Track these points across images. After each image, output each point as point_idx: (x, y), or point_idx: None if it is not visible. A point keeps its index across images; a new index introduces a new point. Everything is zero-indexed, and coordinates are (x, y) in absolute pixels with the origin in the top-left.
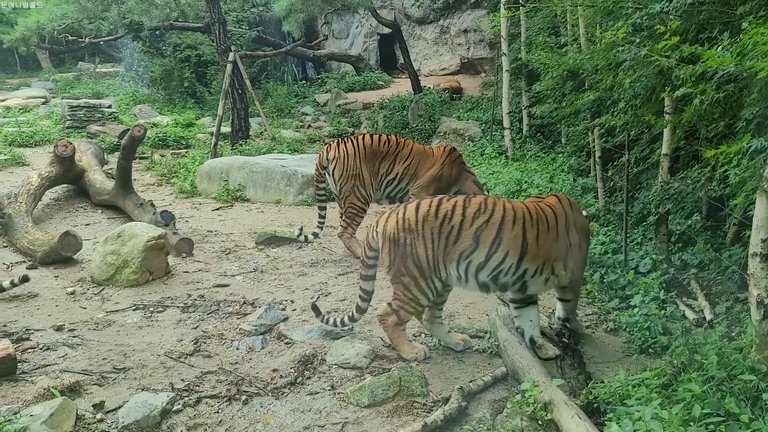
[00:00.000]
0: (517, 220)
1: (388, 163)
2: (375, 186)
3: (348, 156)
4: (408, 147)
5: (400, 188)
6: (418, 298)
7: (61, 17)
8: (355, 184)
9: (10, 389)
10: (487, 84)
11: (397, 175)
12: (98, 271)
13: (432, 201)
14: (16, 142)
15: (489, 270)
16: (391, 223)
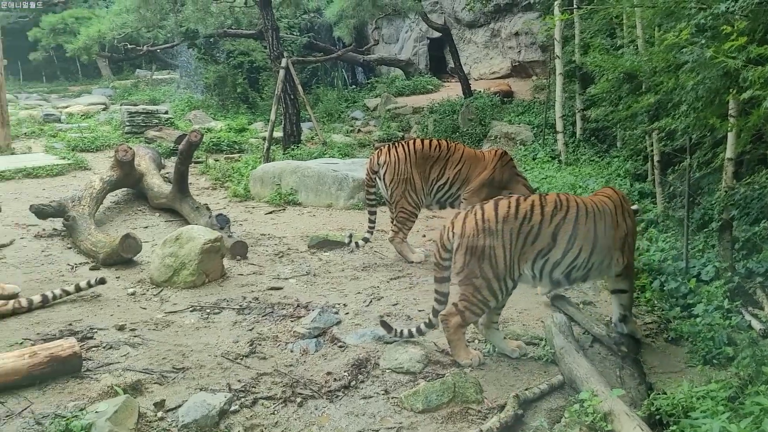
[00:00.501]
0: (588, 214)
1: (439, 167)
2: (426, 191)
3: (399, 161)
4: (459, 151)
5: (451, 193)
6: (487, 300)
7: (121, 26)
8: (406, 189)
9: (76, 386)
10: (539, 87)
11: (448, 179)
12: (157, 272)
13: (510, 201)
14: (79, 147)
15: (564, 266)
16: (469, 224)
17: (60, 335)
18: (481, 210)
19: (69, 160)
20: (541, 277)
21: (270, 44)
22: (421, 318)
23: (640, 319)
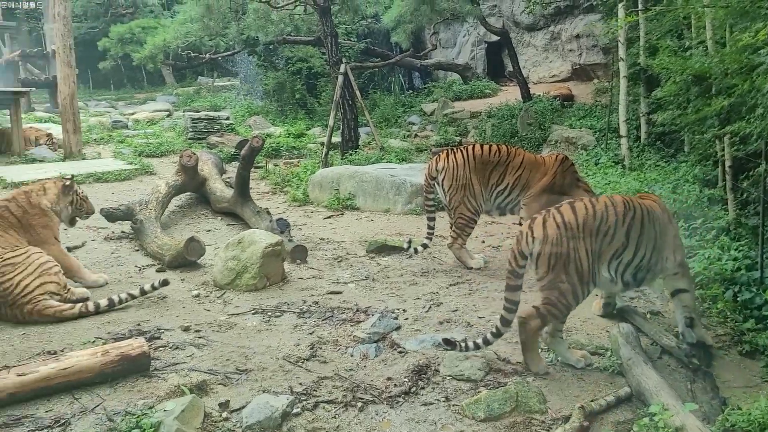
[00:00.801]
0: (650, 214)
1: (499, 173)
2: (485, 197)
3: (458, 166)
4: (519, 156)
5: (511, 199)
6: (570, 305)
7: (185, 35)
8: (465, 195)
9: (145, 385)
10: (601, 90)
11: (508, 185)
12: (220, 275)
13: (584, 202)
14: (145, 153)
15: (634, 267)
16: (551, 228)
17: (129, 335)
18: (559, 213)
19: (136, 165)
20: (616, 278)
21: (329, 50)
22: (481, 325)
23: (711, 330)
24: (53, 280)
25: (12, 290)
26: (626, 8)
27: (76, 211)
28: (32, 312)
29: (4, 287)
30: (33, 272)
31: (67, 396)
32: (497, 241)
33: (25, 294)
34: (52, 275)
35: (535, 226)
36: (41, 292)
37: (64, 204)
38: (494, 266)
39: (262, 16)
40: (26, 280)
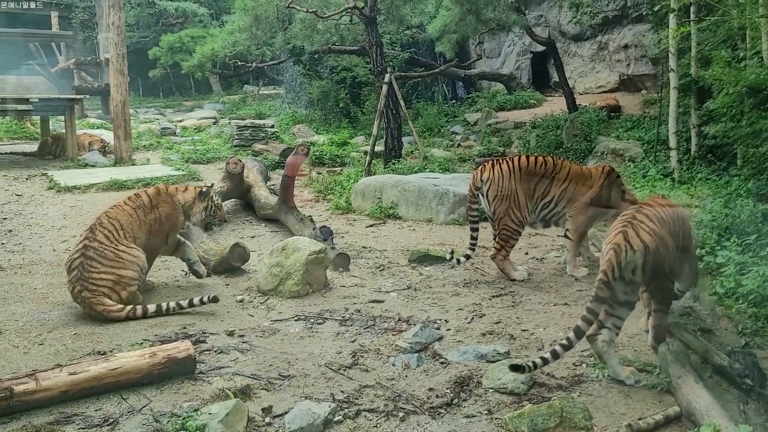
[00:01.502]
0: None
1: (545, 185)
2: (530, 209)
3: (503, 177)
4: (565, 169)
5: (557, 211)
6: (668, 311)
7: (233, 45)
8: (509, 206)
9: (190, 387)
10: (649, 102)
11: (554, 198)
12: (264, 281)
13: (656, 205)
14: (192, 159)
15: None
16: (645, 236)
17: (176, 338)
18: (648, 219)
19: (183, 171)
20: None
21: (374, 60)
22: (524, 338)
23: (766, 350)
24: (126, 278)
25: (89, 277)
26: (678, 18)
27: (210, 217)
28: (86, 301)
29: (89, 273)
30: (114, 266)
31: (115, 396)
32: (541, 253)
33: (95, 284)
34: (128, 274)
35: (631, 237)
36: (106, 285)
37: (198, 208)
38: (538, 278)
39: (309, 26)
40: (104, 274)
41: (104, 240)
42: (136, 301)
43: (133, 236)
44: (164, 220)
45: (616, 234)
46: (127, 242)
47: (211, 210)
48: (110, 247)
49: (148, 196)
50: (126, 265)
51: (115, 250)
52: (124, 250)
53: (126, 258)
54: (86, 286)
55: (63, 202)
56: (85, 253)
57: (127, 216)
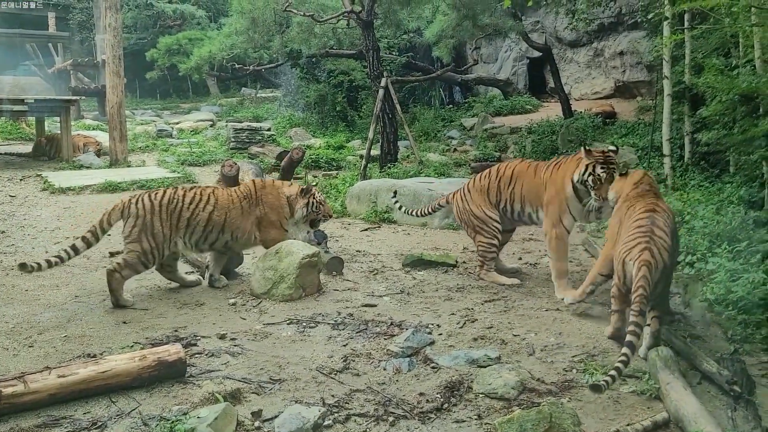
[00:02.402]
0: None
1: (494, 191)
2: (497, 217)
3: (459, 200)
4: (509, 170)
5: (521, 211)
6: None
7: (230, 47)
8: (475, 226)
9: (180, 390)
10: (644, 108)
11: (506, 201)
12: (257, 284)
13: (662, 212)
14: (188, 162)
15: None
16: (665, 253)
17: (167, 341)
18: (665, 233)
19: (179, 173)
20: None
21: (370, 64)
22: (516, 343)
23: (755, 357)
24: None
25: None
26: (672, 26)
27: (313, 213)
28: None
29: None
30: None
31: (104, 399)
32: (534, 258)
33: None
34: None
35: (655, 255)
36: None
37: (301, 204)
38: (531, 284)
39: (306, 30)
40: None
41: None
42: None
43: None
44: (267, 209)
45: (642, 250)
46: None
47: (313, 206)
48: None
49: (255, 187)
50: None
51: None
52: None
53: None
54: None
55: (57, 204)
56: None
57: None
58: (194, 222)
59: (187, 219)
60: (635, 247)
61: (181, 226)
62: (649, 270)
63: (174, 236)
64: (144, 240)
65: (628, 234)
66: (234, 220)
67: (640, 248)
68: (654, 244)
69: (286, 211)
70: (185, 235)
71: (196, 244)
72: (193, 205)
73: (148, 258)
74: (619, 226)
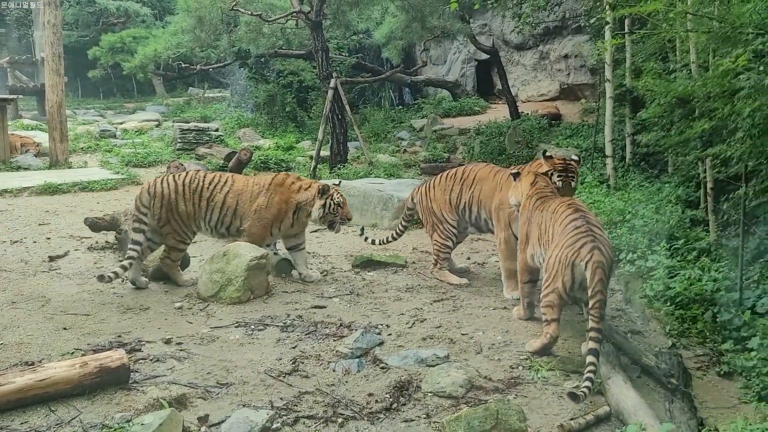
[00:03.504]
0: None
1: (457, 193)
2: (455, 218)
3: (423, 196)
4: (472, 173)
5: (475, 215)
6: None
7: (176, 46)
8: (434, 222)
9: (123, 397)
10: (588, 110)
11: (466, 204)
12: (204, 287)
13: (574, 210)
14: (132, 163)
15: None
16: (609, 250)
17: (109, 346)
18: (600, 229)
19: (123, 174)
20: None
21: (320, 65)
22: (464, 342)
23: (691, 350)
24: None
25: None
26: (613, 31)
27: (330, 215)
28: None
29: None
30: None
31: (43, 408)
32: (482, 258)
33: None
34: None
35: (605, 254)
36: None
37: (317, 206)
38: (479, 283)
39: (254, 29)
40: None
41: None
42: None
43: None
44: (274, 203)
45: (591, 250)
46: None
47: (331, 208)
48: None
49: (272, 183)
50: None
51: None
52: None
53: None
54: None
55: None
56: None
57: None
58: (212, 204)
59: (206, 200)
60: (582, 248)
61: (202, 207)
62: (603, 272)
63: (197, 216)
64: (172, 221)
65: (565, 235)
66: (243, 205)
67: (588, 249)
68: (600, 243)
69: (288, 216)
70: (205, 217)
71: (215, 228)
72: (212, 186)
73: (183, 236)
74: (528, 227)
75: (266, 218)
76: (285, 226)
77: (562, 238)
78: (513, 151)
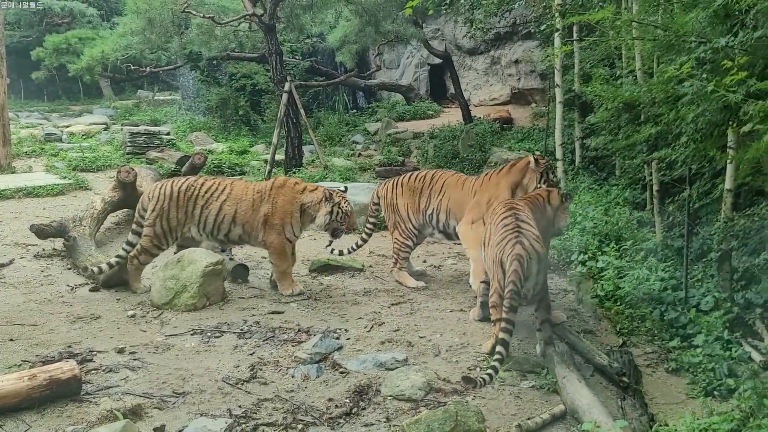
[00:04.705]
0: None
1: (425, 197)
2: (419, 221)
3: (388, 194)
4: (441, 180)
5: (443, 222)
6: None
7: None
8: (396, 221)
9: (75, 410)
10: (538, 114)
11: (434, 210)
12: (158, 295)
13: (523, 204)
14: (80, 167)
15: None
16: (536, 243)
17: (59, 358)
18: (530, 225)
19: (70, 179)
20: None
21: (273, 68)
22: (422, 345)
23: (640, 348)
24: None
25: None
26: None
27: (336, 222)
28: None
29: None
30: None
31: None
32: (438, 261)
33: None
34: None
35: (527, 247)
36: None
37: (324, 211)
38: (435, 286)
39: (206, 32)
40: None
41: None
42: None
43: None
44: (278, 209)
45: (513, 245)
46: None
47: (338, 215)
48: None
49: (274, 189)
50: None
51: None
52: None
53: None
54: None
55: None
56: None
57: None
58: (206, 211)
59: (201, 207)
60: (507, 244)
61: (195, 214)
62: (520, 263)
63: (188, 223)
64: (158, 225)
65: (497, 235)
66: (244, 213)
67: (511, 244)
68: (523, 237)
69: (296, 217)
70: (199, 224)
71: (211, 234)
72: (208, 194)
73: (161, 242)
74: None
75: (276, 224)
76: (296, 227)
77: (494, 238)
78: (466, 155)
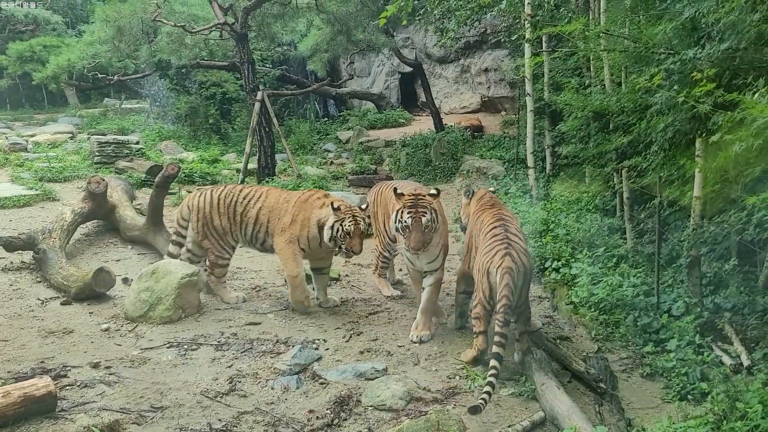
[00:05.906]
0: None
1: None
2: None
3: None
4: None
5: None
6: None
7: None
8: (376, 227)
9: (50, 427)
10: (508, 122)
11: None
12: (132, 307)
13: (497, 220)
14: (47, 177)
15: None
16: (524, 257)
17: (33, 374)
18: (518, 237)
19: (37, 190)
20: None
21: (245, 77)
22: (401, 354)
23: (615, 353)
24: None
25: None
26: (532, 47)
27: (337, 239)
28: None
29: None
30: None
31: None
32: None
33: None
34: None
35: (516, 260)
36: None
37: (328, 225)
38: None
39: (176, 40)
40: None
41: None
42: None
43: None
44: (288, 216)
45: (502, 256)
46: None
47: (338, 233)
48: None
49: (292, 198)
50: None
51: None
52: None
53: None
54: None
55: None
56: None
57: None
58: (246, 219)
59: (240, 215)
60: (495, 255)
61: (236, 221)
62: (511, 277)
63: (234, 229)
64: (209, 236)
65: (485, 245)
66: (274, 222)
67: (500, 255)
68: (513, 249)
69: (314, 234)
70: (241, 230)
71: (251, 242)
72: (246, 201)
73: (221, 252)
74: (468, 239)
75: (290, 234)
76: (313, 244)
77: (482, 247)
78: (438, 163)
